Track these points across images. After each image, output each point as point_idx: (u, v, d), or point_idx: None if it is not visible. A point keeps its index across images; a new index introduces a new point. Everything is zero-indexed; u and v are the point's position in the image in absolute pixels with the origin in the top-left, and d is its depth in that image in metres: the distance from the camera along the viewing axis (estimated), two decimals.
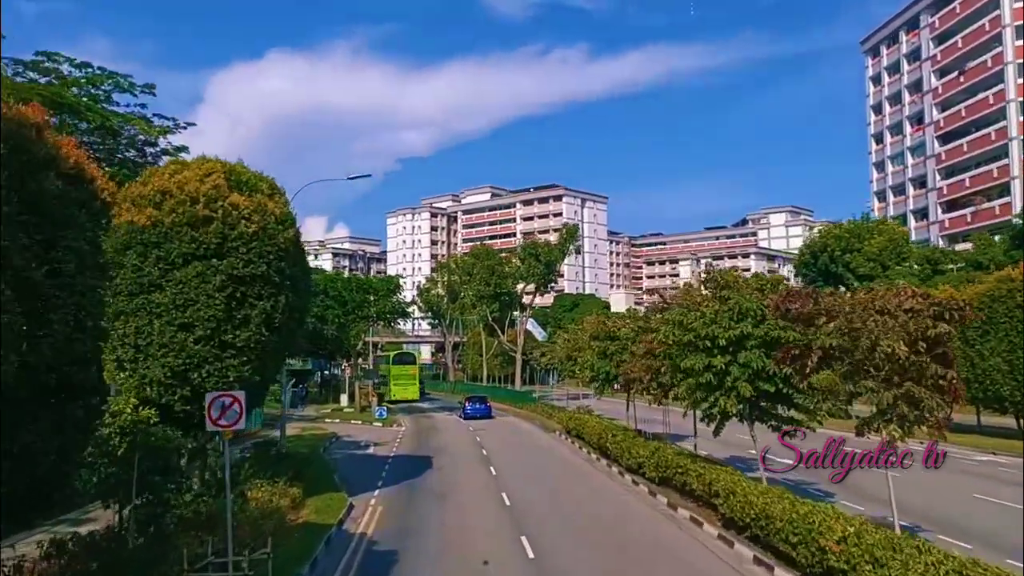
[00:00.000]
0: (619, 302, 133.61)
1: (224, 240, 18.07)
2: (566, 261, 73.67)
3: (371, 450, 36.46)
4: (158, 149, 30.15)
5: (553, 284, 75.18)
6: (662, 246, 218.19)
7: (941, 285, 40.13)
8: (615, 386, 34.10)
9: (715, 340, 17.26)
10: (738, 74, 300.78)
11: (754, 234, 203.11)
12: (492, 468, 29.39)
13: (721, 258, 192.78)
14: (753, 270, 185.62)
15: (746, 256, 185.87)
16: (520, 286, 74.94)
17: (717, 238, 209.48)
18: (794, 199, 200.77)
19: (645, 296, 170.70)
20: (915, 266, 55.32)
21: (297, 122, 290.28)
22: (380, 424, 48.79)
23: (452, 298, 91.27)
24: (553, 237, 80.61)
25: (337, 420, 51.46)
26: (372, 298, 54.50)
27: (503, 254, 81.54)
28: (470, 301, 76.54)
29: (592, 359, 33.57)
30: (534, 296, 76.87)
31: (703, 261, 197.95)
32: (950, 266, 54.15)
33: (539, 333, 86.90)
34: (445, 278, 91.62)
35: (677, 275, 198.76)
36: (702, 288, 19.92)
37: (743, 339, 17.10)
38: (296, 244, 20.69)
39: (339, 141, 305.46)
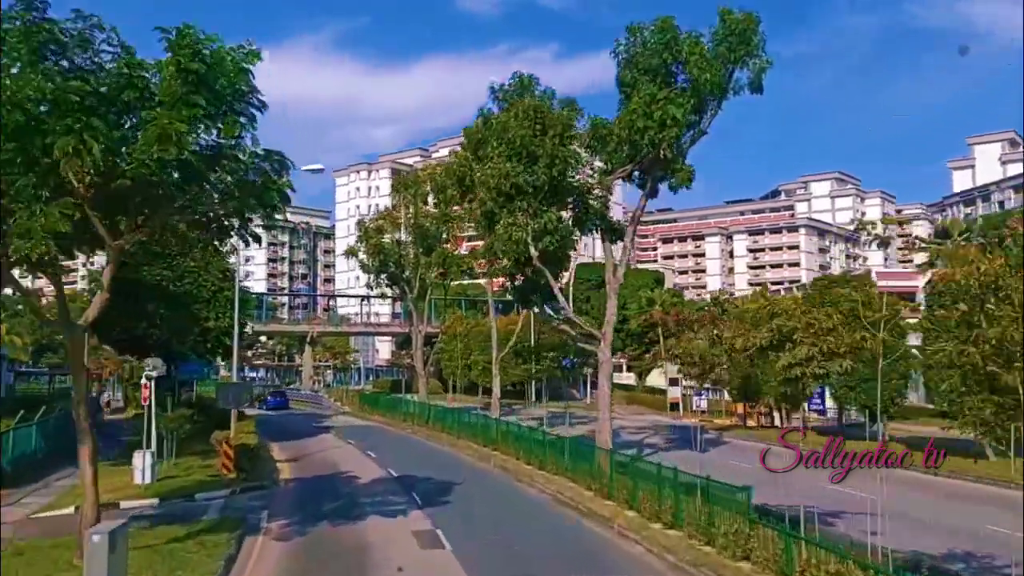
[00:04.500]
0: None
1: None
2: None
3: None
4: None
5: (686, 179, 27.20)
6: (672, 223, 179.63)
7: None
8: None
9: None
10: None
11: (790, 207, 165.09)
12: None
13: (761, 232, 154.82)
14: (803, 246, 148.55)
15: (792, 230, 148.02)
16: (592, 175, 29.64)
17: (742, 213, 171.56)
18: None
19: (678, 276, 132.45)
20: None
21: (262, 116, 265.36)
22: None
23: (426, 248, 50.38)
24: None
25: None
26: (157, 98, 12.90)
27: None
28: (490, 200, 25.83)
29: None
30: (644, 201, 29.05)
31: (735, 237, 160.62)
32: None
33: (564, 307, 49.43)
34: (411, 209, 50.87)
35: (703, 254, 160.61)
36: None
37: None
38: None
39: (305, 136, 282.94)
